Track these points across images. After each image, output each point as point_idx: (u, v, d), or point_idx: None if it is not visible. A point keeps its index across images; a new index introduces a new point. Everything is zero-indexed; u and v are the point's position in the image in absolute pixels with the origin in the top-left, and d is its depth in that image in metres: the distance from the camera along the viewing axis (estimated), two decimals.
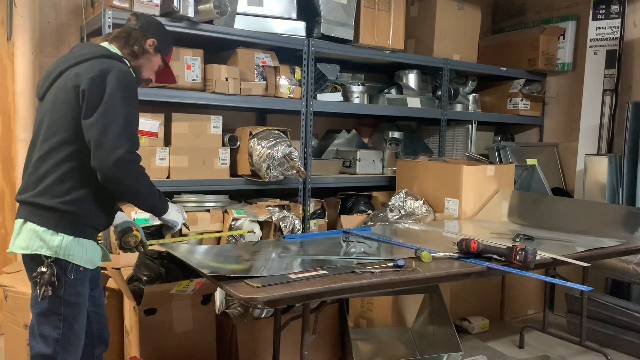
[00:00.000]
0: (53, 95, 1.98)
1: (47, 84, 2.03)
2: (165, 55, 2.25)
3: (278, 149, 3.40)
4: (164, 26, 2.28)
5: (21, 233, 1.95)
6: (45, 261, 1.90)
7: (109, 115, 1.87)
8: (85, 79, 1.89)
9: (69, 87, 1.92)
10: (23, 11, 3.28)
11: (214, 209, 3.39)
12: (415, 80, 4.44)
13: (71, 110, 1.91)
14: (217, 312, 2.99)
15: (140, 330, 2.53)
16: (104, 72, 1.91)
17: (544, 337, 3.68)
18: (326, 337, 3.14)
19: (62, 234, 1.92)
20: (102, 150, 1.85)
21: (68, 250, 1.93)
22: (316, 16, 3.70)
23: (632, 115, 3.94)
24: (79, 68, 1.94)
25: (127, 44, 2.12)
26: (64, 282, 1.93)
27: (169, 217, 2.20)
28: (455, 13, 4.44)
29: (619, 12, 4.27)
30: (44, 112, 2.00)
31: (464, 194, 3.59)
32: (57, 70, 2.00)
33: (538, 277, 2.72)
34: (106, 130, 1.86)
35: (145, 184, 2.01)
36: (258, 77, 3.55)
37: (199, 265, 2.26)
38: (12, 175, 3.43)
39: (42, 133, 1.97)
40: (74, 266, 1.95)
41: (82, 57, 1.98)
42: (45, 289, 1.89)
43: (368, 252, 2.63)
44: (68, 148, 1.92)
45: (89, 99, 1.88)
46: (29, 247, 1.92)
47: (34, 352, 1.98)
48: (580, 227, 3.21)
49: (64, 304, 1.94)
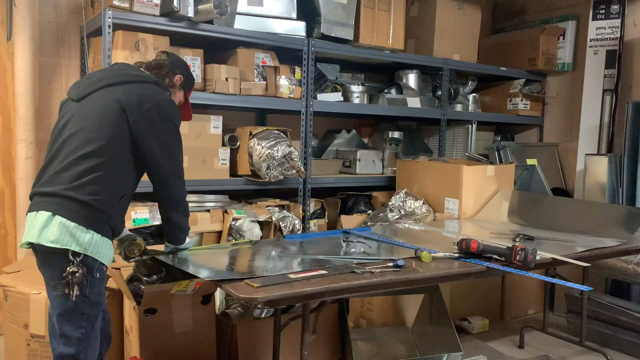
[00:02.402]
0: (97, 104, 2.03)
1: (90, 89, 2.08)
2: (187, 93, 2.43)
3: (278, 149, 3.40)
4: (189, 67, 2.49)
5: (49, 226, 1.91)
6: (75, 260, 1.90)
7: (174, 156, 2.17)
8: (142, 103, 2.04)
9: (116, 103, 2.01)
10: (23, 11, 3.29)
11: (214, 209, 3.39)
12: (415, 80, 4.44)
13: (114, 126, 2.00)
14: (217, 312, 2.99)
15: (140, 330, 2.53)
16: (159, 102, 2.08)
17: (544, 337, 3.68)
18: (326, 337, 3.14)
19: (91, 232, 1.94)
20: (182, 206, 2.25)
21: (96, 248, 1.95)
22: (316, 16, 3.70)
23: (632, 115, 3.94)
24: (132, 88, 2.06)
25: (159, 75, 2.26)
26: (90, 281, 1.94)
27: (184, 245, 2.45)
28: (455, 13, 4.44)
29: (619, 12, 4.27)
30: (81, 114, 2.03)
31: (464, 194, 3.59)
32: (105, 82, 2.07)
33: (538, 277, 2.73)
34: (178, 175, 2.21)
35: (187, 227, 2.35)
36: (258, 77, 3.55)
37: (198, 272, 2.25)
38: (12, 175, 3.43)
39: (80, 135, 1.99)
40: (100, 265, 1.97)
41: (135, 77, 2.12)
42: (77, 288, 1.90)
43: (368, 252, 2.63)
44: (104, 156, 1.98)
45: (149, 128, 2.05)
46: (58, 241, 1.89)
47: (57, 353, 1.97)
48: (580, 227, 3.21)
49: (88, 304, 1.95)
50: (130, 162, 2.07)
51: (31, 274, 2.89)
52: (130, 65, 2.29)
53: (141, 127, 2.03)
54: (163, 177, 2.16)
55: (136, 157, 2.08)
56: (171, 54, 2.45)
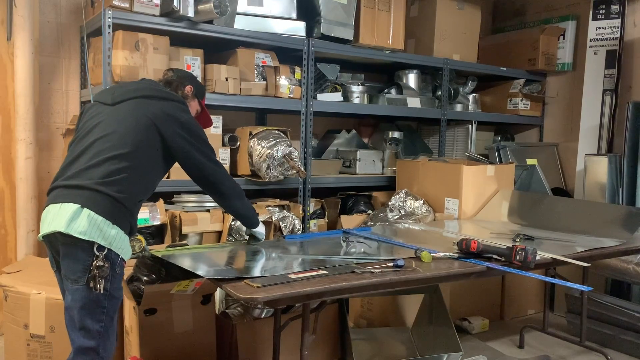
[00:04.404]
0: (133, 112, 2.14)
1: (126, 96, 2.18)
2: (201, 100, 2.55)
3: (278, 149, 3.40)
4: (195, 77, 2.59)
5: (78, 219, 1.93)
6: (100, 254, 1.93)
7: (211, 159, 2.32)
8: (177, 118, 2.19)
9: (152, 116, 2.13)
10: (23, 11, 3.28)
11: (214, 209, 3.38)
12: (415, 80, 4.44)
13: (146, 136, 2.12)
14: (217, 312, 2.99)
15: (140, 330, 2.53)
16: (187, 119, 2.23)
17: (544, 337, 3.68)
18: (326, 337, 3.14)
19: (117, 227, 1.99)
20: (235, 193, 2.44)
21: (120, 243, 2.00)
22: (316, 16, 3.70)
23: (632, 115, 3.94)
24: (163, 105, 2.19)
25: (173, 89, 2.39)
26: (112, 275, 1.98)
27: (258, 229, 2.65)
28: (455, 13, 4.44)
29: (619, 12, 4.27)
30: (116, 118, 2.13)
31: (464, 194, 3.59)
32: (141, 93, 2.20)
33: (538, 277, 2.73)
34: (222, 172, 2.38)
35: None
36: (258, 77, 3.54)
37: (197, 269, 2.26)
38: (12, 175, 3.43)
39: (114, 136, 2.07)
40: (121, 260, 2.02)
41: (167, 94, 2.26)
42: (103, 282, 1.94)
43: (368, 252, 2.63)
44: (134, 161, 2.08)
45: (183, 139, 2.19)
46: (86, 234, 1.92)
47: (76, 346, 1.99)
48: (580, 227, 3.21)
49: (108, 298, 1.98)
50: (155, 172, 2.21)
51: (31, 274, 2.90)
52: (158, 82, 2.43)
53: (176, 139, 2.18)
54: (211, 179, 2.34)
55: (159, 168, 2.23)
56: (176, 70, 2.58)
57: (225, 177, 2.39)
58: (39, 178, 3.47)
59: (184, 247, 2.77)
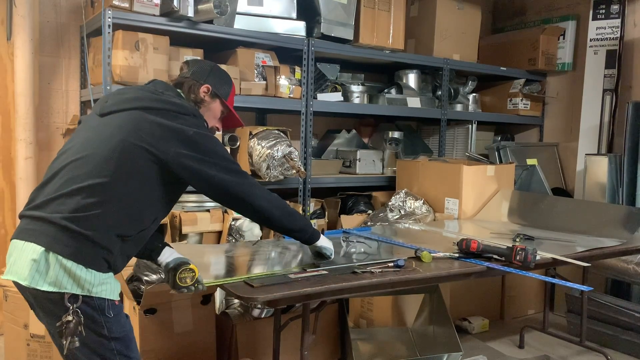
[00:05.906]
0: (122, 129, 1.76)
1: (119, 107, 1.82)
2: (225, 99, 2.07)
3: (278, 148, 3.40)
4: (217, 67, 2.10)
5: (43, 266, 1.63)
6: (71, 306, 1.63)
7: (233, 171, 1.89)
8: (175, 140, 1.77)
9: (139, 137, 1.74)
10: (23, 11, 3.28)
11: (214, 208, 3.38)
12: (415, 80, 4.44)
13: (130, 162, 1.74)
14: (217, 312, 2.99)
15: (140, 330, 2.53)
16: (192, 133, 1.80)
17: (544, 337, 3.68)
18: (326, 337, 3.14)
19: (91, 270, 1.67)
20: (276, 206, 1.98)
21: (101, 285, 1.69)
22: (316, 16, 3.70)
23: (632, 115, 3.93)
24: (162, 121, 1.77)
25: (184, 94, 2.00)
26: (104, 321, 1.70)
27: (322, 243, 2.19)
28: (455, 13, 4.44)
29: (619, 12, 4.27)
30: (99, 136, 1.78)
31: (464, 194, 3.59)
32: (138, 104, 1.81)
33: (538, 277, 2.72)
34: (249, 183, 1.92)
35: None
36: (258, 77, 3.54)
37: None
38: (12, 175, 3.43)
39: (92, 160, 1.72)
40: (109, 302, 1.71)
41: (170, 106, 1.83)
42: (72, 339, 1.63)
43: (368, 252, 2.63)
44: (111, 192, 1.71)
45: (192, 160, 1.79)
46: (56, 284, 1.63)
47: None
48: (580, 227, 3.21)
49: (114, 341, 1.73)
50: (147, 201, 1.80)
51: None
52: (170, 86, 2.00)
53: (180, 161, 1.78)
54: (239, 195, 1.89)
55: (154, 196, 1.81)
56: (193, 62, 2.11)
57: (254, 187, 1.92)
58: (39, 178, 3.46)
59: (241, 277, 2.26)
